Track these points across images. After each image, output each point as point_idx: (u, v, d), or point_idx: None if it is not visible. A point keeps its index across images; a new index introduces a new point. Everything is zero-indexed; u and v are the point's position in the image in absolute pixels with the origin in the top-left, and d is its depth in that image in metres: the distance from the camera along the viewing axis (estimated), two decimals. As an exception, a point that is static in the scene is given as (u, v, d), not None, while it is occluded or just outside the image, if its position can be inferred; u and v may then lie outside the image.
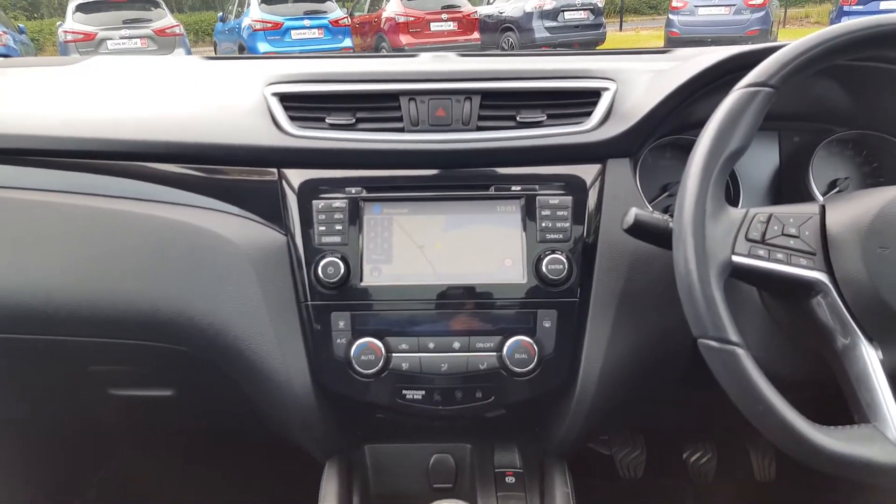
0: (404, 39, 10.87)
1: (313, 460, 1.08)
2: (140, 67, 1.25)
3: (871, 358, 0.69)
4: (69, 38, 10.17)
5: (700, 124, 0.80)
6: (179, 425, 1.36)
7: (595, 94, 0.95)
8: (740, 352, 0.66)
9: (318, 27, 10.90)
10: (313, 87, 0.97)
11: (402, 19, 10.95)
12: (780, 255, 0.72)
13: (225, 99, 1.02)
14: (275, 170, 0.94)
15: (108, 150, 0.97)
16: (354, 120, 0.94)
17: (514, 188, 0.92)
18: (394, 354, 0.90)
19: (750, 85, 0.72)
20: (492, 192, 0.93)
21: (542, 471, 1.04)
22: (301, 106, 0.95)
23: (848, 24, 0.72)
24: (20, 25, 12.37)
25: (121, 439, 1.56)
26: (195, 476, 1.57)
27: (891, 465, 0.64)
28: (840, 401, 0.74)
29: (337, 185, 0.92)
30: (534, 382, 0.90)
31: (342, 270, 0.88)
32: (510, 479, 1.02)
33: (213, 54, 14.00)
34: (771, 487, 1.52)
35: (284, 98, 0.96)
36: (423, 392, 0.91)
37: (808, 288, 0.73)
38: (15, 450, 1.39)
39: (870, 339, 0.70)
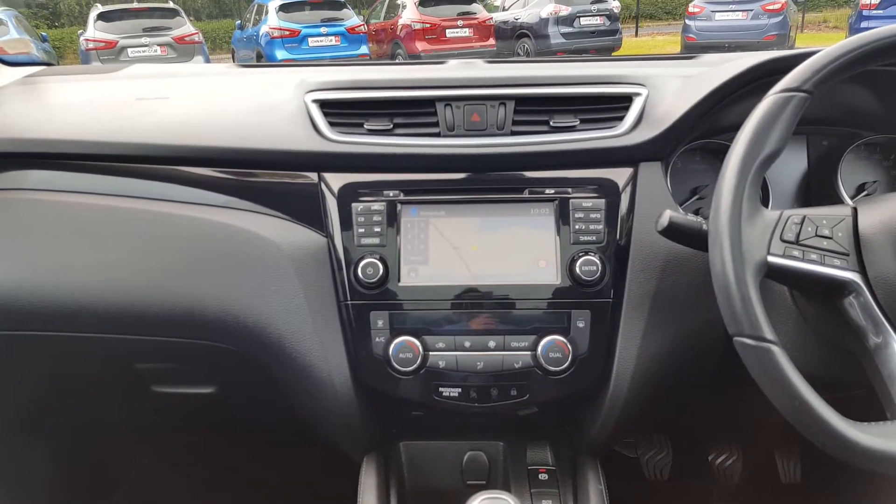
0: (420, 46, 10.92)
1: (347, 458, 1.10)
2: (180, 76, 1.29)
3: None
4: (90, 45, 10.35)
5: (730, 129, 0.82)
6: (217, 423, 1.39)
7: (627, 100, 0.98)
8: (776, 349, 0.67)
9: (335, 34, 11.00)
10: (352, 93, 1.00)
11: (418, 26, 11.00)
12: (813, 256, 0.74)
13: (266, 106, 1.05)
14: (315, 174, 0.97)
15: (156, 155, 1.01)
16: (392, 125, 0.97)
17: (547, 191, 0.95)
18: (431, 353, 0.92)
19: (785, 90, 0.74)
20: (526, 195, 0.95)
21: (574, 468, 1.06)
22: (340, 112, 0.99)
23: (882, 30, 0.74)
24: (42, 34, 12.57)
25: (154, 437, 1.59)
26: (227, 475, 1.60)
27: None
28: (870, 399, 0.76)
29: (375, 188, 0.95)
30: (568, 381, 0.92)
31: (381, 271, 0.91)
32: (543, 476, 1.04)
33: (231, 61, 14.22)
34: (796, 489, 1.52)
35: (324, 104, 0.99)
36: (460, 389, 0.93)
37: (840, 288, 0.75)
38: (50, 448, 1.43)
39: None
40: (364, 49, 11.39)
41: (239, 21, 13.63)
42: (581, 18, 11.64)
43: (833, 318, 0.79)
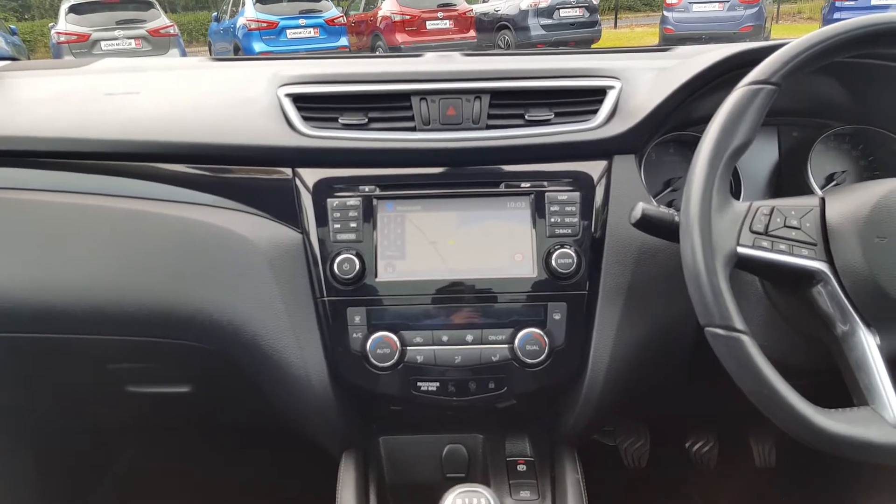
0: (400, 38, 10.86)
1: (326, 455, 1.10)
2: (151, 70, 1.27)
3: (869, 343, 0.73)
4: (62, 39, 10.09)
5: (702, 121, 0.83)
6: (194, 421, 1.38)
7: (601, 93, 0.98)
8: (745, 339, 0.69)
9: (314, 26, 10.89)
10: (326, 87, 0.99)
11: (397, 18, 10.93)
12: (782, 246, 0.75)
13: (239, 100, 1.04)
14: (289, 169, 0.96)
15: (126, 152, 0.99)
16: (367, 120, 0.96)
17: (523, 185, 0.95)
18: (408, 347, 0.92)
19: (753, 82, 0.75)
20: (502, 188, 0.95)
21: (552, 459, 1.07)
22: (314, 106, 0.97)
23: (847, 22, 0.75)
24: (11, 27, 12.28)
25: (132, 437, 1.58)
26: (207, 472, 1.59)
27: (888, 444, 0.67)
28: (838, 387, 0.77)
29: (350, 183, 0.95)
30: (545, 373, 0.93)
31: (357, 267, 0.91)
32: (522, 468, 1.05)
33: (207, 54, 14.04)
34: (771, 474, 1.55)
35: (297, 99, 0.98)
36: (438, 384, 0.94)
37: (809, 277, 0.76)
38: (27, 448, 1.41)
39: (868, 326, 0.73)
40: (343, 41, 11.28)
41: (215, 13, 13.43)
42: (560, 10, 11.68)
43: (802, 307, 0.81)
